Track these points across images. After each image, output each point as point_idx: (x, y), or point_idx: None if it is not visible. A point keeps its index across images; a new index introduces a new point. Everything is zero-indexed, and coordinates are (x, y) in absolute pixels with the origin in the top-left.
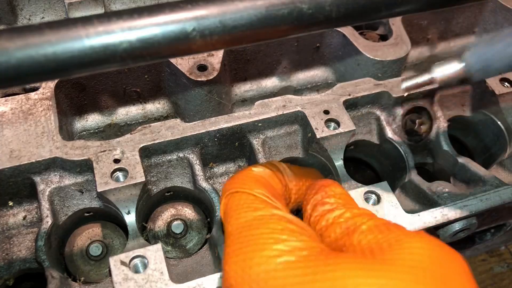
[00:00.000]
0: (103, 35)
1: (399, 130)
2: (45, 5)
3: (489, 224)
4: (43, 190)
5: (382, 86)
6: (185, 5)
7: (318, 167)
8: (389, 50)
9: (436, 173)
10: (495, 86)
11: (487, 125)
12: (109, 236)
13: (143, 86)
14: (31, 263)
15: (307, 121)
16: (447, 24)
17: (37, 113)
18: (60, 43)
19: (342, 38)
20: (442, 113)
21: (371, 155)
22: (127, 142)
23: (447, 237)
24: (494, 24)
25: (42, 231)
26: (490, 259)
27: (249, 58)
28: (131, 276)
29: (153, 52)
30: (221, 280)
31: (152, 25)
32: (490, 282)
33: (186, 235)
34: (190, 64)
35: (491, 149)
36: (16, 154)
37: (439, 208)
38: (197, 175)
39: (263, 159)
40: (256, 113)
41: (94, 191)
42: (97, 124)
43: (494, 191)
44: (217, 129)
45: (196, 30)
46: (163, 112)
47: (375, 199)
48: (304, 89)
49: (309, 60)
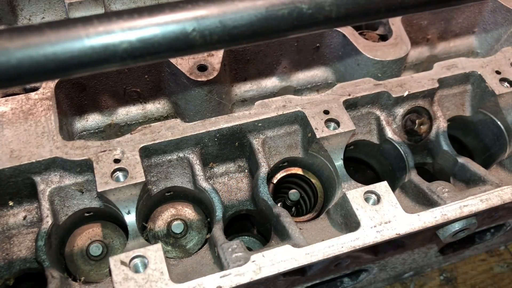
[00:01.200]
0: (103, 35)
1: (399, 130)
2: (45, 5)
3: (489, 224)
4: (43, 190)
5: (382, 86)
6: (185, 5)
7: (318, 167)
8: (389, 50)
9: (436, 173)
10: (495, 86)
11: (487, 125)
12: (109, 236)
13: (143, 86)
14: (31, 263)
15: (307, 121)
16: (447, 24)
17: (37, 113)
18: (60, 43)
19: (342, 38)
20: (442, 113)
21: (371, 155)
22: (127, 142)
23: (447, 237)
24: (494, 24)
25: (42, 231)
26: (490, 259)
27: (249, 58)
28: (131, 276)
29: (153, 52)
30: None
31: (152, 25)
32: (490, 282)
33: (186, 235)
34: (190, 64)
35: (491, 149)
36: (16, 154)
37: (439, 208)
38: (197, 175)
39: (263, 159)
40: (256, 113)
41: (94, 191)
42: (97, 124)
43: (494, 191)
44: (217, 129)
45: (196, 30)
46: (163, 112)
47: (375, 199)
48: (304, 89)
49: (309, 60)
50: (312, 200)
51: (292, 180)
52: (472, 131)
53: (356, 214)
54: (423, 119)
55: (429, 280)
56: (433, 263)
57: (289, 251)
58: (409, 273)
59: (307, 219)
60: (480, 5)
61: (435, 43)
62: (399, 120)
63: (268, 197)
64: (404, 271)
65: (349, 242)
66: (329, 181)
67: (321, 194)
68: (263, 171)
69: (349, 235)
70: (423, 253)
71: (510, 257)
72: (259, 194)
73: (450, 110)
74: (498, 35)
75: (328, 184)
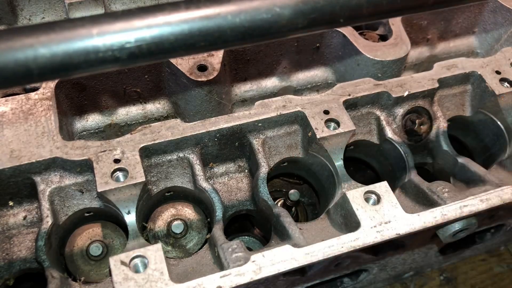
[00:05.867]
0: (106, 35)
1: (399, 130)
2: (45, 5)
3: (489, 224)
4: (44, 190)
5: (382, 86)
6: (187, 5)
7: (318, 167)
8: (389, 50)
9: (436, 173)
10: (495, 86)
11: (487, 125)
12: (109, 236)
13: (143, 86)
14: (31, 263)
15: (307, 121)
16: (447, 24)
17: (38, 113)
18: (62, 43)
19: (342, 38)
20: (442, 113)
21: (371, 155)
22: (127, 142)
23: (447, 237)
24: (494, 24)
25: (42, 231)
26: (490, 259)
27: (249, 58)
28: (131, 276)
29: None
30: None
31: (155, 25)
32: (490, 282)
33: (186, 235)
34: (190, 64)
35: (491, 149)
36: (16, 154)
37: (439, 208)
38: (197, 175)
39: (263, 159)
40: (256, 113)
41: (94, 191)
42: (97, 124)
43: (494, 191)
44: (217, 129)
45: (200, 31)
46: (163, 112)
47: (375, 199)
48: (304, 89)
49: (309, 60)
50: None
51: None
52: (472, 131)
53: (356, 214)
54: (423, 119)
55: (429, 280)
56: (433, 263)
57: (289, 251)
58: (409, 273)
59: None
60: (480, 5)
61: (435, 43)
62: (399, 120)
63: (268, 197)
64: (404, 271)
65: (349, 242)
66: (329, 181)
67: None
68: (263, 171)
69: (349, 235)
70: (423, 253)
71: (510, 257)
72: (259, 194)
73: (450, 110)
74: (498, 35)
75: (328, 184)
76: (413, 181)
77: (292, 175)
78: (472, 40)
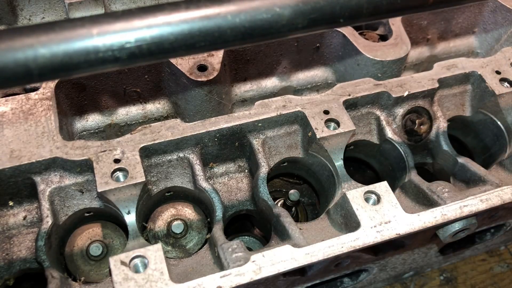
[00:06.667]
0: (106, 35)
1: (399, 130)
2: (45, 5)
3: (489, 224)
4: (44, 190)
5: (382, 86)
6: (187, 5)
7: (318, 167)
8: (389, 50)
9: (436, 173)
10: (495, 86)
11: (487, 125)
12: (109, 236)
13: (143, 86)
14: (31, 263)
15: (307, 121)
16: (447, 24)
17: (38, 113)
18: (62, 43)
19: (342, 38)
20: (442, 113)
21: (371, 155)
22: (127, 142)
23: (447, 237)
24: (494, 24)
25: (42, 231)
26: (490, 259)
27: (249, 58)
28: (131, 276)
29: (159, 51)
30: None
31: (155, 26)
32: (490, 282)
33: (186, 235)
34: (190, 64)
35: (491, 149)
36: (16, 154)
37: (439, 208)
38: (197, 175)
39: (263, 159)
40: (256, 113)
41: (94, 191)
42: (97, 124)
43: (494, 191)
44: (217, 129)
45: (200, 31)
46: (163, 112)
47: (375, 199)
48: (304, 89)
49: (309, 60)
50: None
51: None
52: (472, 131)
53: (356, 214)
54: (423, 119)
55: (429, 280)
56: (433, 263)
57: (289, 251)
58: (409, 273)
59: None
60: (480, 5)
61: (435, 43)
62: (399, 120)
63: (268, 197)
64: (404, 271)
65: (349, 242)
66: (329, 181)
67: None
68: (263, 171)
69: (349, 235)
70: (423, 253)
71: (510, 257)
72: (259, 194)
73: (450, 110)
74: (498, 35)
75: (328, 184)
76: (413, 181)
77: (292, 175)
78: (472, 40)
